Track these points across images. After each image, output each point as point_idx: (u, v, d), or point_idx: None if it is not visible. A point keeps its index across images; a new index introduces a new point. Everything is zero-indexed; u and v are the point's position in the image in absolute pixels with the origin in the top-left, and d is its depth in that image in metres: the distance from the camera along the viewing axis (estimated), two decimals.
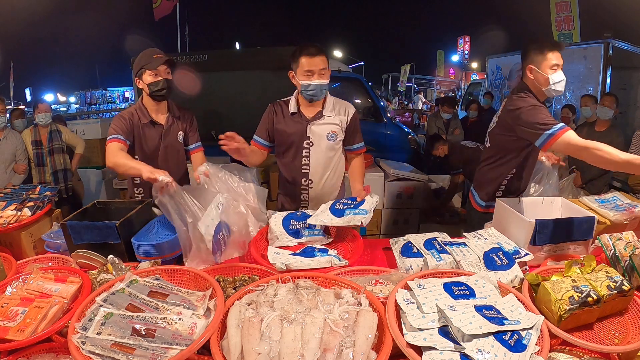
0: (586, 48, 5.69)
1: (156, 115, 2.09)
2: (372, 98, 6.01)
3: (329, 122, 2.02)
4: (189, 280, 1.33)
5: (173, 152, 2.15)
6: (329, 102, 2.04)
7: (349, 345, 1.00)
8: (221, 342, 1.04)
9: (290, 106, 2.03)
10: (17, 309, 1.15)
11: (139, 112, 2.06)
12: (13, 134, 3.71)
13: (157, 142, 2.10)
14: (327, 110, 2.03)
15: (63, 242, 1.67)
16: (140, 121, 2.06)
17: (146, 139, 2.08)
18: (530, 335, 1.03)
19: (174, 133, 2.14)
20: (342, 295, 1.17)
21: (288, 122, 2.02)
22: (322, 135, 2.02)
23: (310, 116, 2.01)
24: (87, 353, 0.98)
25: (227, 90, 4.71)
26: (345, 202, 1.81)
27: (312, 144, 2.03)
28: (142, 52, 2.03)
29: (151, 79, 1.98)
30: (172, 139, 2.14)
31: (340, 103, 2.08)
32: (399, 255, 1.55)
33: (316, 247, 1.66)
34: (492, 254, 1.46)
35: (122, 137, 1.96)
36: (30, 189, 1.99)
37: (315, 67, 1.88)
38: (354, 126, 2.09)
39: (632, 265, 1.29)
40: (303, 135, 2.02)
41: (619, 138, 3.71)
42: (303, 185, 2.09)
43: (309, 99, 1.97)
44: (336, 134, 2.04)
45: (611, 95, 3.82)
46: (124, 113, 2.07)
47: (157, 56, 1.99)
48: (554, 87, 1.81)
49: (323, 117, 2.02)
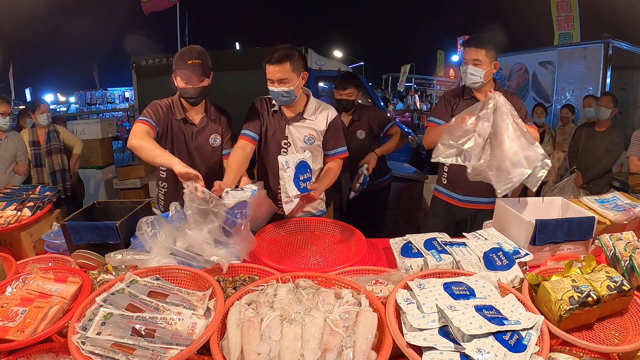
0: (586, 48, 5.69)
1: (190, 113, 2.01)
2: (372, 98, 6.01)
3: (307, 126, 1.98)
4: (189, 280, 1.33)
5: (202, 154, 2.05)
6: (310, 105, 1.99)
7: (349, 345, 1.00)
8: (221, 342, 1.04)
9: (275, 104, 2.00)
10: (17, 309, 1.15)
11: (175, 107, 1.99)
12: (14, 134, 3.71)
13: (186, 141, 2.01)
14: (308, 113, 1.98)
15: (63, 242, 1.67)
16: (174, 116, 1.98)
17: (176, 136, 1.99)
18: (530, 335, 1.03)
19: (207, 135, 2.04)
20: (342, 295, 1.17)
21: (270, 119, 2.01)
22: (299, 138, 1.98)
23: (290, 117, 1.98)
24: (87, 353, 0.98)
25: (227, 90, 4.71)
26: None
27: (289, 144, 1.99)
28: (181, 50, 1.93)
29: (182, 84, 1.90)
30: (204, 141, 2.04)
31: (323, 107, 2.03)
32: (399, 256, 1.55)
33: None
34: (492, 254, 1.46)
35: (152, 122, 1.87)
36: (30, 189, 1.99)
37: (273, 76, 1.84)
38: (333, 131, 2.02)
39: (632, 265, 1.29)
40: (282, 134, 1.98)
41: (619, 138, 3.71)
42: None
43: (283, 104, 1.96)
44: (314, 138, 1.99)
45: (609, 95, 3.82)
46: (162, 102, 1.98)
47: (191, 62, 1.86)
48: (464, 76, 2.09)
49: (303, 120, 1.98)
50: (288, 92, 1.86)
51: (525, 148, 1.62)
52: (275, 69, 1.82)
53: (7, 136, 3.60)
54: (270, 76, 1.85)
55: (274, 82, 1.85)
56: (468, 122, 1.69)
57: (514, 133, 1.62)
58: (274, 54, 1.82)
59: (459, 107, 2.13)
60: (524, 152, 1.62)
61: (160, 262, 1.39)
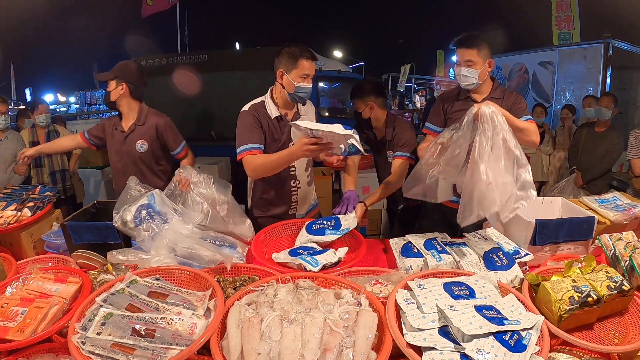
0: (586, 48, 5.69)
1: (123, 121, 2.29)
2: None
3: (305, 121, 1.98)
4: (189, 281, 1.33)
5: (131, 159, 2.29)
6: None
7: (349, 345, 1.00)
8: (221, 342, 1.04)
9: (269, 110, 1.94)
10: (17, 309, 1.15)
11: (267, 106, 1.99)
12: (14, 134, 3.70)
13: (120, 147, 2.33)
14: (301, 109, 2.04)
15: (63, 242, 1.67)
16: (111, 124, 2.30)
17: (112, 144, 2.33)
18: (530, 335, 1.03)
19: (133, 141, 2.27)
20: (342, 296, 1.17)
21: (274, 128, 1.95)
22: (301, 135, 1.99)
23: (290, 118, 1.99)
24: (87, 353, 0.98)
25: (227, 90, 4.71)
26: (322, 222, 1.83)
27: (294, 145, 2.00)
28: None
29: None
30: (131, 146, 2.28)
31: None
32: (399, 256, 1.55)
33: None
34: (492, 254, 1.46)
35: (86, 136, 2.35)
36: (30, 189, 1.99)
37: (311, 72, 1.87)
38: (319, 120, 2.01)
39: (632, 265, 1.29)
40: (289, 137, 1.98)
41: (618, 138, 3.71)
42: (292, 187, 2.07)
43: (296, 101, 1.95)
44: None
45: (609, 96, 3.82)
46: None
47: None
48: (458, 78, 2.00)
49: (300, 117, 2.01)
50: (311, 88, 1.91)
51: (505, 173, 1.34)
52: (314, 65, 1.87)
53: (7, 136, 3.59)
54: (310, 72, 1.87)
55: (309, 77, 1.88)
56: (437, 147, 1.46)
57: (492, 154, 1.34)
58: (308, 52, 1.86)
59: (455, 108, 2.08)
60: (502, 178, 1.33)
61: (161, 262, 1.40)
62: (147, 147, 2.27)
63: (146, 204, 1.55)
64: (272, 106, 1.95)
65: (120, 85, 2.22)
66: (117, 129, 2.29)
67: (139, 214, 1.52)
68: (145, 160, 2.29)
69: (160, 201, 1.61)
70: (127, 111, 2.28)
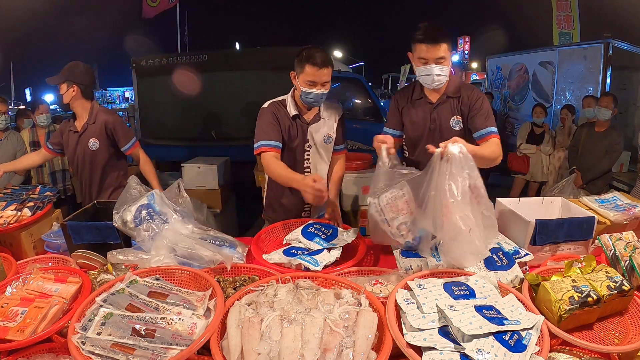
0: (586, 48, 5.68)
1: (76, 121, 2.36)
2: (372, 98, 6.01)
3: (325, 125, 2.01)
4: (189, 281, 1.33)
5: (86, 158, 2.40)
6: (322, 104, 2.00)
7: (349, 345, 1.00)
8: (221, 342, 1.04)
9: (289, 108, 1.96)
10: (17, 309, 1.15)
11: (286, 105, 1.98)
12: (14, 134, 3.71)
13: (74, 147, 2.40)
14: (323, 113, 2.01)
15: (63, 242, 1.67)
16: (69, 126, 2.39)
17: (67, 144, 2.42)
18: (530, 335, 1.03)
19: (85, 140, 2.35)
20: (342, 296, 1.17)
21: (290, 126, 1.97)
22: (320, 139, 2.01)
23: (309, 119, 1.99)
24: (87, 353, 0.98)
25: (227, 90, 4.71)
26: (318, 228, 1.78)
27: (311, 146, 2.01)
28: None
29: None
30: (84, 145, 2.37)
31: (331, 104, 2.04)
32: (399, 256, 1.54)
33: None
34: (492, 254, 1.46)
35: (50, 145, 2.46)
36: (30, 189, 1.99)
37: (318, 79, 1.82)
38: (341, 127, 2.08)
39: (632, 265, 1.29)
40: (304, 138, 1.99)
41: (618, 138, 3.72)
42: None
43: (307, 106, 1.95)
44: (331, 137, 2.03)
45: (609, 96, 3.82)
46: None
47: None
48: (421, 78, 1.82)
49: (321, 120, 2.00)
50: (327, 92, 1.89)
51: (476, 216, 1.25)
52: (323, 72, 1.82)
53: (7, 136, 3.59)
54: (315, 79, 1.82)
55: (317, 84, 1.84)
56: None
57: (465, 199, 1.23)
58: (317, 57, 1.79)
59: (409, 112, 1.94)
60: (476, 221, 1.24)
61: (161, 262, 1.40)
62: (98, 145, 2.36)
63: (146, 204, 1.55)
64: (292, 105, 1.96)
65: (71, 88, 2.29)
66: (71, 130, 2.39)
67: (139, 214, 1.52)
68: (99, 157, 2.39)
69: (160, 201, 1.61)
70: (80, 111, 2.37)
